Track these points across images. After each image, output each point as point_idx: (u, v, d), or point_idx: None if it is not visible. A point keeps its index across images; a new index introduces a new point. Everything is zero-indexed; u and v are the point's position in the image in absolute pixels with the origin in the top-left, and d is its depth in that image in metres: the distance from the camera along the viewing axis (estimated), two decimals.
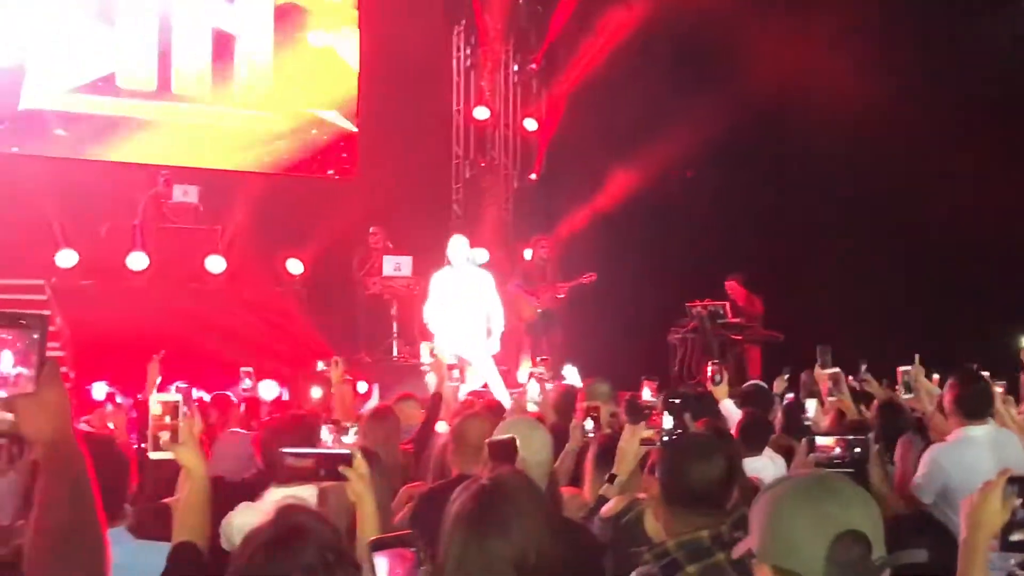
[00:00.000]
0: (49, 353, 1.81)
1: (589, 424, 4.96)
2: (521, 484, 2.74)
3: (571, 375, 11.08)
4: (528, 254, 14.19)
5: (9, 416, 1.79)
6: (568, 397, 6.91)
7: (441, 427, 5.87)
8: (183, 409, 3.11)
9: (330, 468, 2.90)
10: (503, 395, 9.24)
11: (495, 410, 5.35)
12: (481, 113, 14.70)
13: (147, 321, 11.10)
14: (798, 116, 12.55)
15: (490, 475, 2.72)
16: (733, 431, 5.17)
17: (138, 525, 3.23)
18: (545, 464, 3.94)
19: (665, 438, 4.16)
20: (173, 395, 3.19)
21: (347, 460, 2.90)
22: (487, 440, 3.69)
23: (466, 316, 9.82)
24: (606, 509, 3.87)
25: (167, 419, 3.09)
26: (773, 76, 12.27)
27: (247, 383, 8.62)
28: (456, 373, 9.27)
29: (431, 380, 7.40)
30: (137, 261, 12.26)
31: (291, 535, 2.31)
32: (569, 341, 12.57)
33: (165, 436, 3.08)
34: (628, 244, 13.62)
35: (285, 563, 2.25)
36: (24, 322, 1.78)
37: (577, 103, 14.15)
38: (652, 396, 6.55)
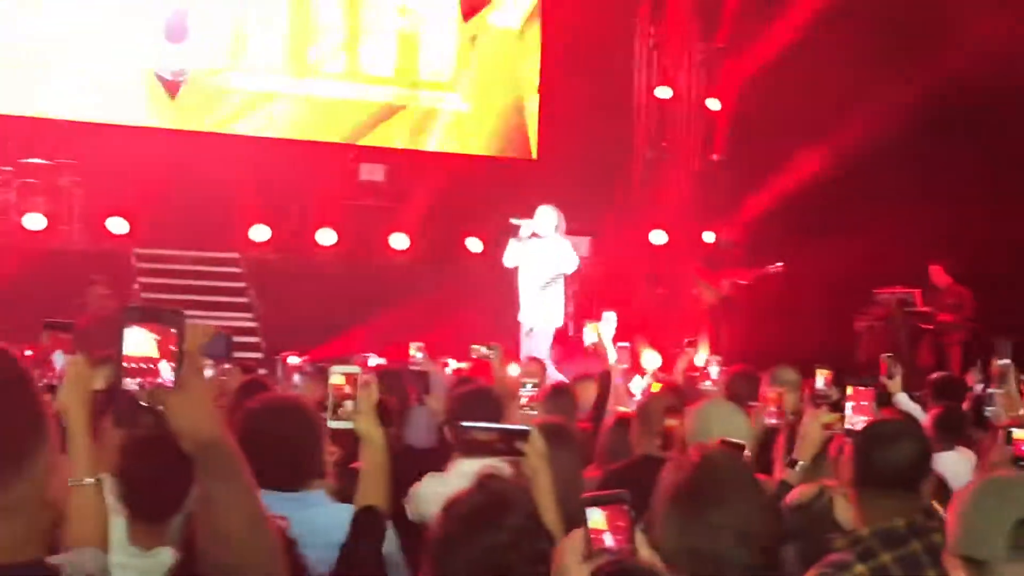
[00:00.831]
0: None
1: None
2: (734, 460, 2.78)
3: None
4: (710, 237, 13.97)
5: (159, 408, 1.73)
6: (744, 382, 6.77)
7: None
8: (362, 379, 3.16)
9: (508, 443, 2.93)
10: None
11: (677, 391, 5.29)
12: (664, 92, 14.54)
13: (334, 295, 11.54)
14: (1015, 88, 11.86)
15: (701, 452, 2.72)
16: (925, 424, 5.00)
17: (336, 489, 3.33)
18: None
19: (848, 425, 4.04)
20: (353, 366, 3.25)
21: (524, 436, 2.93)
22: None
23: (540, 285, 10.06)
24: (792, 496, 3.80)
25: (347, 389, 3.13)
26: (985, 46, 11.58)
27: (419, 357, 8.80)
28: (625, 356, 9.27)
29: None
30: (326, 236, 12.78)
31: (495, 503, 2.33)
32: (751, 325, 12.32)
33: (349, 406, 3.14)
34: (813, 227, 13.20)
35: (489, 531, 2.28)
36: (163, 318, 1.74)
37: (762, 82, 13.80)
38: (825, 385, 6.34)
